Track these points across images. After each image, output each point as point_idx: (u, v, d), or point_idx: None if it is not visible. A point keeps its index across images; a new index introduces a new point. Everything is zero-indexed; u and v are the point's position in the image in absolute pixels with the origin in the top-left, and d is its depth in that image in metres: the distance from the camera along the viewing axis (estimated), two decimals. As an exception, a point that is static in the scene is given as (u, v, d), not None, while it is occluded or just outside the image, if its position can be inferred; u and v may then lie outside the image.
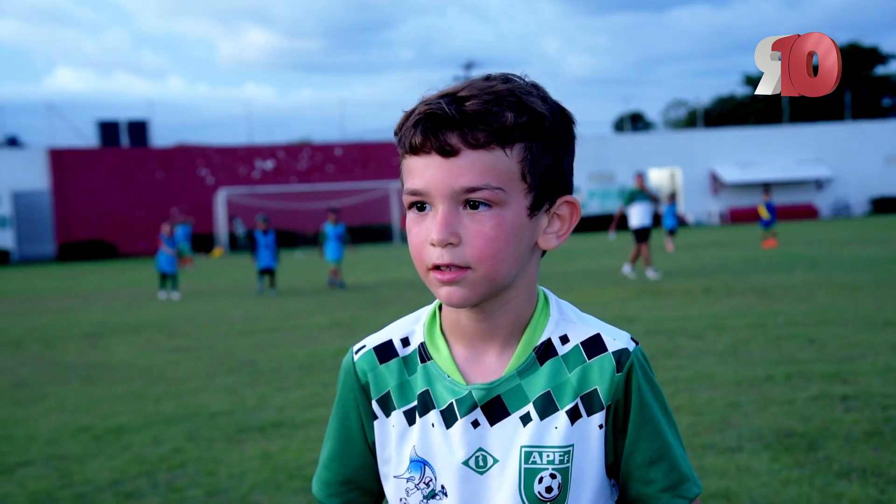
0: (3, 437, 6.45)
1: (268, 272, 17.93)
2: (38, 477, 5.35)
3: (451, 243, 1.27)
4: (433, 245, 1.28)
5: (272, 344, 10.51)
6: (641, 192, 17.54)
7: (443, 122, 1.26)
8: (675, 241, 26.77)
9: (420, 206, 1.31)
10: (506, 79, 1.31)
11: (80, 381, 8.63)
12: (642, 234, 16.97)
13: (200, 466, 5.37)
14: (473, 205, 1.27)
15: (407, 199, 1.32)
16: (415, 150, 1.29)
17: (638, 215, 17.15)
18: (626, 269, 17.10)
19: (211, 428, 6.37)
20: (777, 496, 4.27)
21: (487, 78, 1.31)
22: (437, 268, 1.29)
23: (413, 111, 1.30)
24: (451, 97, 1.27)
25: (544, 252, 1.39)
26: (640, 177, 18.25)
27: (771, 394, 6.31)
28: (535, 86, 1.33)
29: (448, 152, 1.26)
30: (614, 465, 1.38)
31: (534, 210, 1.31)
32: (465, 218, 1.27)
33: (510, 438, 1.35)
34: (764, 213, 25.53)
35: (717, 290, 13.58)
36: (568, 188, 1.37)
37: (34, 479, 5.29)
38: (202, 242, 41.82)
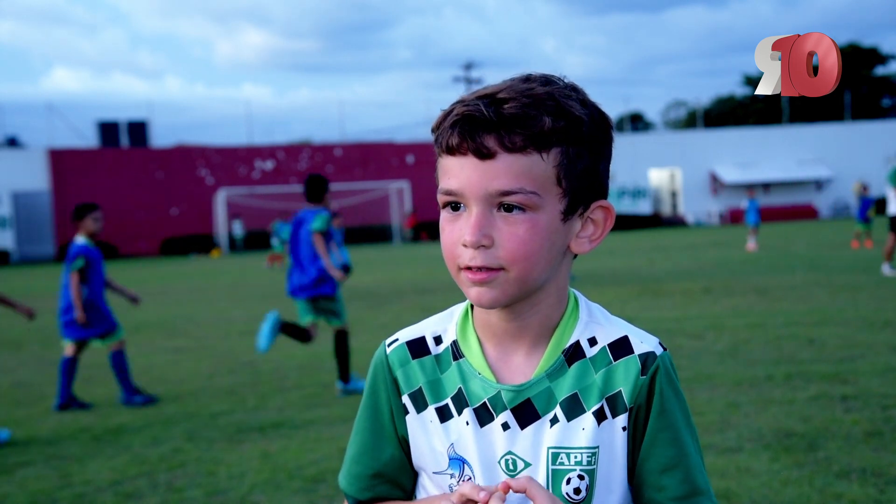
0: (3, 438, 6.45)
1: None
2: (38, 477, 5.34)
3: (483, 245, 1.27)
4: (465, 246, 1.28)
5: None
6: None
7: (480, 125, 1.25)
8: (757, 238, 24.11)
9: (454, 206, 1.30)
10: (545, 81, 1.30)
11: (79, 381, 8.61)
12: None
13: (200, 467, 5.37)
14: (508, 208, 1.27)
15: (441, 199, 1.32)
16: (451, 151, 1.28)
17: None
18: (886, 268, 14.40)
19: (211, 428, 6.37)
20: (777, 496, 4.27)
21: (527, 79, 1.30)
22: (468, 268, 1.29)
23: (451, 111, 1.29)
24: (489, 98, 1.27)
25: (576, 255, 1.38)
26: None
27: (771, 394, 6.31)
28: (574, 88, 1.32)
29: (484, 154, 1.25)
30: (633, 470, 1.38)
31: (568, 214, 1.31)
32: (499, 220, 1.27)
33: (539, 441, 1.35)
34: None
35: (716, 290, 13.58)
36: (603, 192, 1.36)
37: (34, 480, 5.29)
38: (201, 243, 41.79)
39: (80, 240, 7.83)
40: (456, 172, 1.28)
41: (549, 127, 1.25)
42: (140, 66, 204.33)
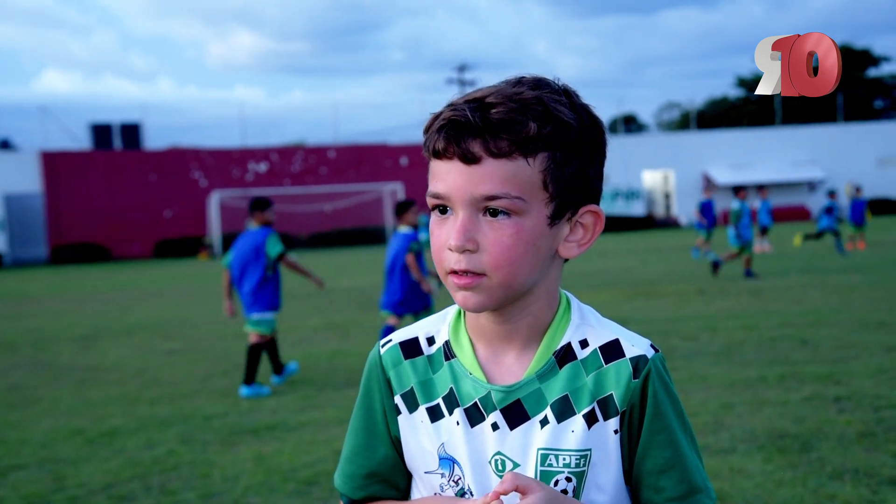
0: (-4, 441, 6.43)
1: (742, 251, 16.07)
2: (32, 480, 5.33)
3: (468, 250, 1.27)
4: (451, 250, 1.29)
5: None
6: None
7: (466, 130, 1.26)
8: (768, 240, 23.66)
9: (442, 210, 1.32)
10: (536, 84, 1.30)
11: (73, 383, 8.60)
12: None
13: (194, 469, 5.36)
14: (493, 212, 1.27)
15: (430, 202, 1.33)
16: (438, 155, 1.29)
17: None
18: None
19: (205, 430, 6.36)
20: (770, 497, 4.28)
21: (518, 83, 1.31)
22: (454, 272, 1.29)
23: (439, 115, 1.30)
24: (477, 103, 1.27)
25: (566, 259, 1.38)
26: None
27: (764, 395, 6.32)
28: (566, 91, 1.32)
29: (470, 160, 1.26)
30: (629, 472, 1.38)
31: (555, 219, 1.31)
32: (485, 225, 1.28)
33: (529, 442, 1.35)
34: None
35: (710, 291, 13.60)
36: (593, 196, 1.36)
37: (27, 483, 5.27)
38: (197, 245, 41.69)
39: (404, 229, 8.55)
40: (443, 176, 1.29)
41: (535, 132, 1.25)
42: (132, 68, 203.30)
